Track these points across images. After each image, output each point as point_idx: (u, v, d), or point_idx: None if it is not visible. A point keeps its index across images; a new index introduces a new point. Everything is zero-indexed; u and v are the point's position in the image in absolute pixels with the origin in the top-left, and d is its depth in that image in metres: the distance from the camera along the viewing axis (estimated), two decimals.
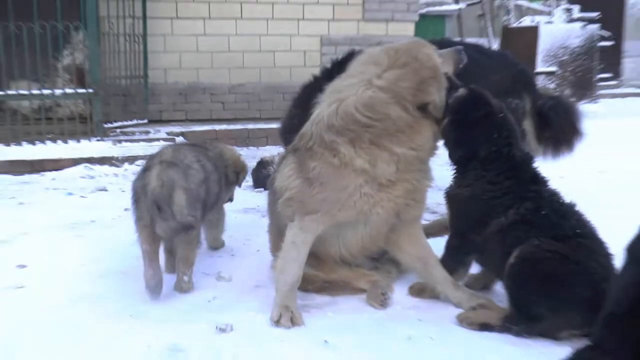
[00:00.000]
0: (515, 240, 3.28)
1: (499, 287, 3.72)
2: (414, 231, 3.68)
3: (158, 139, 8.64)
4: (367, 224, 3.49)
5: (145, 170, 3.79)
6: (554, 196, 3.47)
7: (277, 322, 3.25)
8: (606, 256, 3.22)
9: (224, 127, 9.78)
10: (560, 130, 5.58)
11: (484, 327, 3.27)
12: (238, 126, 9.77)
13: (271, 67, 10.87)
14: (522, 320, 3.17)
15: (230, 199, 4.61)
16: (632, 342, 2.46)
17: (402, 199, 3.44)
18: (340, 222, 3.44)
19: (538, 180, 3.53)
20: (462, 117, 3.47)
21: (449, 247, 3.65)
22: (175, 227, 3.64)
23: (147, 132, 9.18)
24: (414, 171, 3.43)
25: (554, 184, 3.61)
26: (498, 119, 3.52)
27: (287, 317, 3.26)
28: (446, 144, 3.59)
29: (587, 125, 5.82)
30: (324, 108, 3.45)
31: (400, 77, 3.31)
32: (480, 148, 3.47)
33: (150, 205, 3.63)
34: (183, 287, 3.83)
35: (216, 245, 4.58)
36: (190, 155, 3.96)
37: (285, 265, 3.38)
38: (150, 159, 3.91)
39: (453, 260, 3.63)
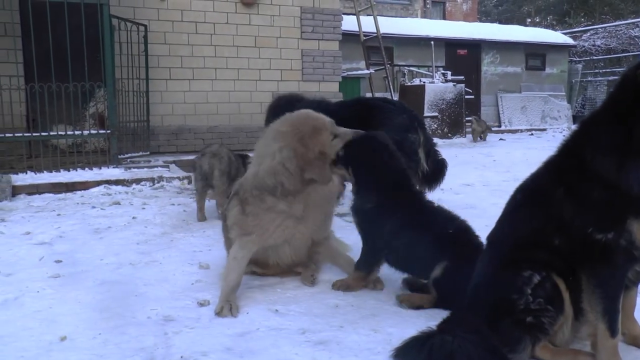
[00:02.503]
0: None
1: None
2: (325, 242, 3.68)
3: (156, 166, 8.56)
4: (291, 245, 3.46)
5: (201, 155, 5.49)
6: (430, 203, 3.30)
7: (219, 314, 3.08)
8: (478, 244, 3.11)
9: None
10: (436, 179, 5.64)
11: (419, 308, 3.13)
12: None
13: (237, 113, 10.80)
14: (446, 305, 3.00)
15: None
16: (489, 304, 2.50)
17: (314, 229, 3.44)
18: (271, 245, 3.36)
19: (414, 193, 3.35)
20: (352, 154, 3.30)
21: (364, 256, 3.40)
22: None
23: (149, 161, 8.99)
24: (322, 208, 3.42)
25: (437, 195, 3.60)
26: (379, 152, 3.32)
27: (227, 308, 3.10)
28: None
29: (459, 152, 5.91)
30: (253, 168, 3.38)
31: (287, 158, 3.18)
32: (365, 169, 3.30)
33: (201, 177, 5.39)
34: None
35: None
36: (223, 151, 5.53)
37: (227, 274, 3.23)
38: (204, 148, 5.64)
39: (367, 265, 3.41)
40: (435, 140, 7.27)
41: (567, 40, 22.83)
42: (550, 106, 21.45)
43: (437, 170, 5.61)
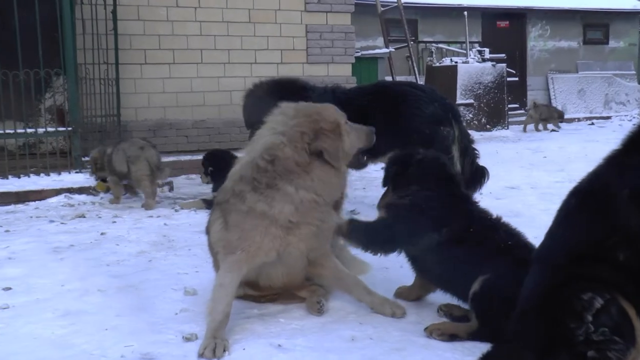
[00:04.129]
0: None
1: (432, 297, 3.75)
2: (327, 261, 3.64)
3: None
4: (284, 263, 3.45)
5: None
6: (481, 213, 3.48)
7: (202, 354, 3.06)
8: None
9: (188, 157, 9.69)
10: (472, 186, 5.70)
11: (453, 338, 3.17)
12: (200, 157, 9.68)
13: (228, 104, 10.83)
14: (487, 336, 3.04)
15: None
16: (540, 335, 2.50)
17: (310, 240, 3.40)
18: (260, 262, 3.34)
19: (464, 198, 3.56)
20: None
21: (370, 228, 3.57)
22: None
23: None
24: (315, 214, 3.36)
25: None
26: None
27: (211, 347, 3.07)
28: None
29: (500, 147, 5.96)
30: (241, 163, 3.44)
31: (300, 124, 3.30)
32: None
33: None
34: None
35: None
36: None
37: (213, 306, 3.22)
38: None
39: (368, 240, 3.56)
40: (472, 133, 7.26)
41: (638, 5, 22.48)
42: (615, 88, 21.33)
43: (474, 177, 5.64)
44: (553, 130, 15.97)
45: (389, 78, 14.80)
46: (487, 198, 6.73)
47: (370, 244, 3.51)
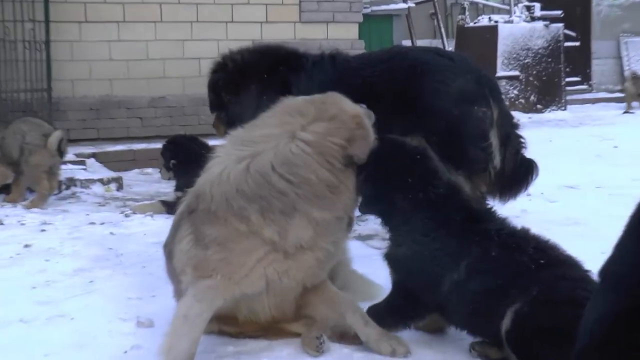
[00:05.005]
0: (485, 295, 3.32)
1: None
2: (322, 290, 3.67)
3: (65, 162, 8.42)
4: (273, 294, 3.46)
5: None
6: (501, 230, 3.50)
7: None
8: (583, 280, 3.25)
9: (142, 146, 9.73)
10: (516, 184, 5.75)
11: None
12: (159, 145, 9.65)
13: (196, 76, 10.77)
14: None
15: None
16: None
17: (313, 269, 3.43)
18: (245, 291, 3.35)
19: (476, 217, 3.55)
20: (373, 170, 3.50)
21: (392, 307, 3.65)
22: None
23: None
24: (330, 237, 3.41)
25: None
26: (410, 163, 3.57)
27: None
28: (365, 200, 3.60)
29: (555, 134, 5.98)
30: (229, 164, 3.36)
31: (330, 131, 3.30)
32: (395, 197, 3.50)
33: None
34: None
35: None
36: None
37: (174, 344, 3.17)
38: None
39: (394, 321, 3.64)
40: (516, 115, 7.26)
41: None
42: None
43: (518, 173, 5.67)
44: (626, 112, 15.90)
45: (407, 42, 14.81)
46: (536, 201, 6.75)
47: (400, 324, 3.66)
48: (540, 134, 11.34)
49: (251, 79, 5.93)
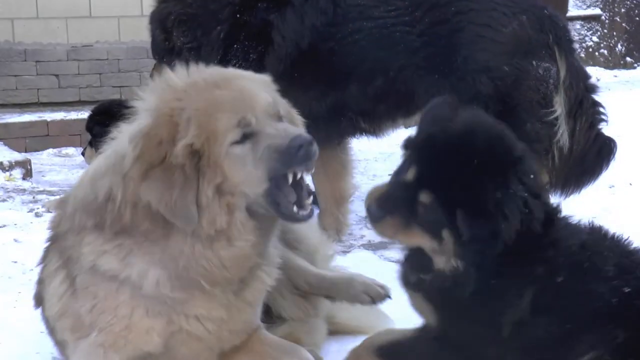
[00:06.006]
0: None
1: None
2: (251, 344, 3.79)
3: None
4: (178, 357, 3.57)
5: None
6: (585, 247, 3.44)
7: None
8: None
9: (59, 115, 9.80)
10: (591, 167, 5.79)
11: None
12: (84, 114, 9.63)
13: (137, 15, 10.85)
14: None
15: None
16: None
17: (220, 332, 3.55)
18: (139, 352, 3.48)
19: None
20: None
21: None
22: None
23: None
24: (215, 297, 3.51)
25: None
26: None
27: None
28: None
29: None
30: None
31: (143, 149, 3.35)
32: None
33: None
34: None
35: None
36: None
37: None
38: None
39: None
40: (596, 72, 7.29)
41: None
42: None
43: (593, 154, 5.63)
44: None
45: None
46: (623, 194, 6.77)
47: None
48: (630, 99, 11.34)
49: (216, 17, 5.91)
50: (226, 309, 3.49)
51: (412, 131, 3.54)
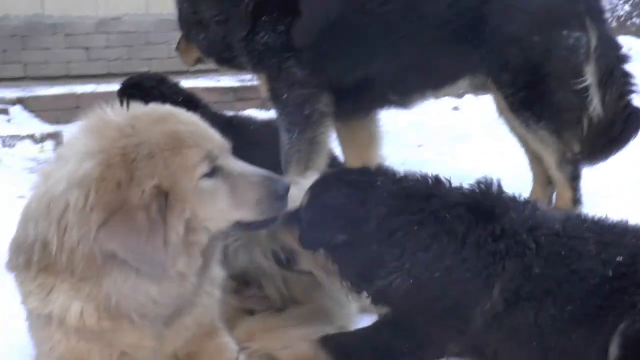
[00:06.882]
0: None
1: None
2: (206, 344, 3.82)
3: None
4: None
5: None
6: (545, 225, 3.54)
7: None
8: None
9: (90, 88, 9.82)
10: (622, 137, 5.79)
11: None
12: (114, 87, 9.60)
13: None
14: None
15: None
16: None
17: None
18: None
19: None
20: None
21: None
22: None
23: None
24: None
25: None
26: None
27: None
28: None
29: None
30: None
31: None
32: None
33: None
34: None
35: None
36: None
37: None
38: None
39: None
40: (627, 42, 7.26)
41: None
42: None
43: (620, 126, 5.61)
44: None
45: None
46: None
47: None
48: None
49: None
50: (157, 338, 3.54)
51: (441, 102, 3.57)
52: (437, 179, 3.64)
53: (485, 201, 3.55)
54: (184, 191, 3.26)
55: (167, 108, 3.58)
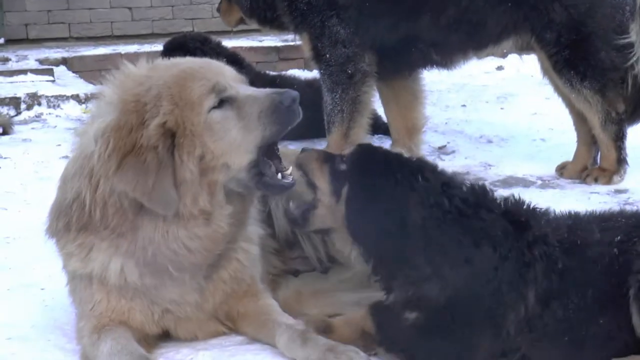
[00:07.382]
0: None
1: None
2: (250, 301, 3.82)
3: (24, 71, 8.64)
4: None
5: None
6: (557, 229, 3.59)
7: None
8: None
9: (134, 48, 9.83)
10: None
11: None
12: (158, 47, 9.63)
13: None
14: None
15: None
16: None
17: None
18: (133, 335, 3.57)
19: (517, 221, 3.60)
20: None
21: None
22: None
23: (6, 60, 9.22)
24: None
25: None
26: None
27: None
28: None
29: None
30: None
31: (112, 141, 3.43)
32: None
33: None
34: None
35: None
36: None
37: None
38: None
39: None
40: None
41: None
42: None
43: None
44: None
45: None
46: None
47: None
48: None
49: None
50: (199, 292, 3.56)
51: (485, 62, 3.53)
52: (483, 188, 3.63)
53: (519, 211, 3.60)
54: (193, 126, 3.29)
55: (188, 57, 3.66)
